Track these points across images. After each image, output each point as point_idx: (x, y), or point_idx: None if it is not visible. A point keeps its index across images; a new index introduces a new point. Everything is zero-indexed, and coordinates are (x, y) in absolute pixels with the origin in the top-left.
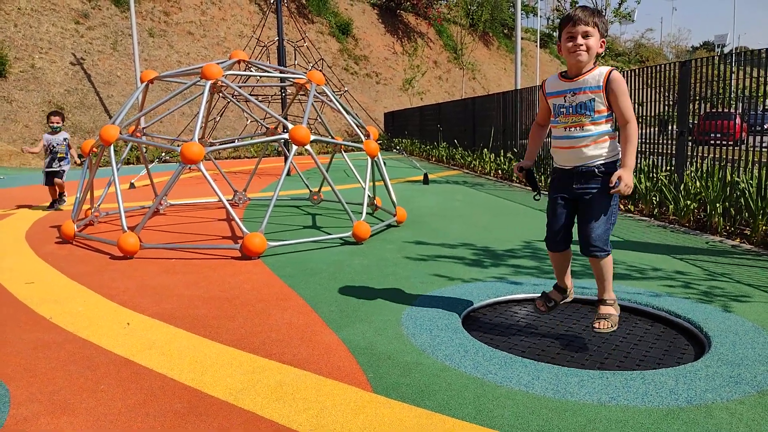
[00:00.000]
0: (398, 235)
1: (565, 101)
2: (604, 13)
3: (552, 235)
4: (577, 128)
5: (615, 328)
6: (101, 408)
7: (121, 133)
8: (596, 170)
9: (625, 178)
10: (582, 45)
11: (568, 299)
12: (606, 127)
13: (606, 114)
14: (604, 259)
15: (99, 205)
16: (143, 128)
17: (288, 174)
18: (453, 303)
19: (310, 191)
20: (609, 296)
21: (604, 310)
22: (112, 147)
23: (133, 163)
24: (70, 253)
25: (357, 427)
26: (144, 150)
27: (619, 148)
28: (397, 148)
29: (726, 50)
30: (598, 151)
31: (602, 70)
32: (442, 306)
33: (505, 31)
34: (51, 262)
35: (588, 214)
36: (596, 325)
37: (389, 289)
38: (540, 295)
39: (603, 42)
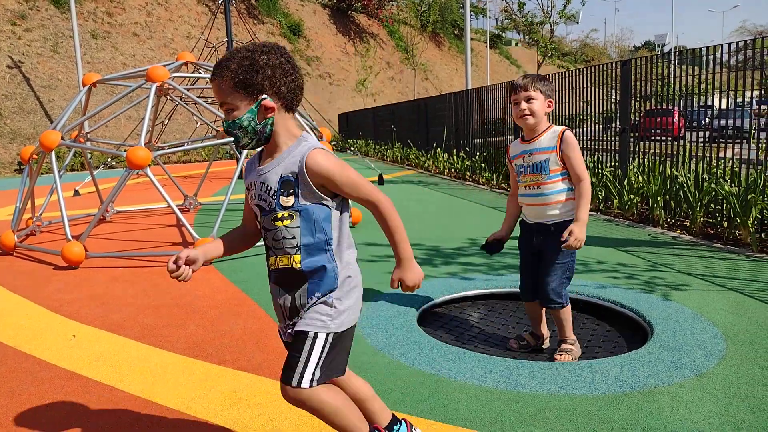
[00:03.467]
0: (353, 237)
1: (524, 162)
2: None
3: (522, 286)
4: (535, 187)
5: (575, 360)
6: (46, 424)
7: (63, 139)
8: (552, 227)
9: (576, 233)
10: (525, 109)
11: (543, 346)
12: (561, 185)
13: (561, 173)
14: (560, 309)
15: (41, 214)
16: (87, 133)
17: (240, 177)
18: (407, 301)
19: None
20: (569, 337)
21: (565, 346)
22: (53, 153)
23: (78, 170)
24: (11, 265)
25: (313, 429)
26: (88, 156)
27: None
28: (352, 149)
29: (666, 49)
30: (554, 210)
31: (556, 131)
32: (398, 305)
33: (455, 32)
34: None
35: (543, 268)
36: (557, 356)
37: None
38: (515, 337)
39: (550, 102)
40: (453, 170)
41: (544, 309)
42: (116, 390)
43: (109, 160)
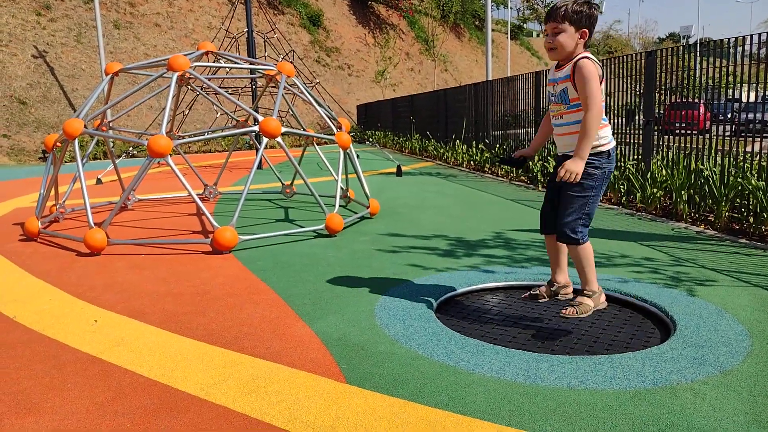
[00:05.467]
0: (371, 227)
1: (552, 90)
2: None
3: (540, 215)
4: (560, 117)
5: (584, 315)
6: (68, 406)
7: (86, 127)
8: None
9: (568, 165)
10: (551, 41)
11: (561, 297)
12: (581, 116)
13: (579, 103)
14: (577, 247)
15: (64, 202)
16: (109, 122)
17: (259, 167)
18: (426, 293)
19: (283, 184)
20: (589, 288)
21: (578, 299)
22: (76, 141)
23: (100, 159)
24: (35, 251)
25: (330, 417)
26: (111, 144)
27: (604, 141)
28: (370, 140)
29: (691, 41)
30: (572, 140)
31: (576, 58)
32: (416, 296)
33: (476, 23)
34: (14, 261)
35: (560, 202)
36: (563, 311)
37: (363, 281)
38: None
39: (584, 32)
40: (472, 162)
41: (564, 253)
42: (136, 375)
43: (130, 148)
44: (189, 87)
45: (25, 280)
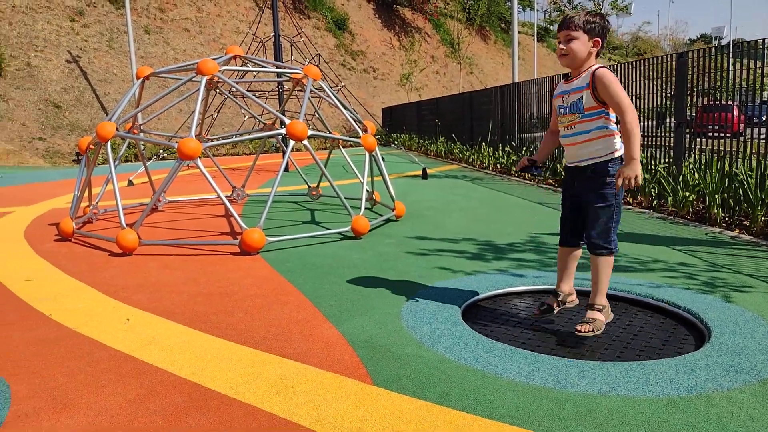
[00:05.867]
0: (397, 230)
1: (563, 102)
2: (600, 9)
3: (561, 230)
4: (571, 127)
5: (598, 332)
6: (102, 403)
7: (117, 130)
8: (589, 170)
9: (625, 171)
10: (564, 49)
11: (569, 305)
12: (598, 123)
13: (595, 112)
14: (603, 258)
15: (97, 203)
16: (140, 125)
17: (286, 170)
18: (453, 296)
19: (309, 187)
20: (599, 302)
21: (590, 314)
22: (109, 144)
23: (131, 161)
24: (69, 251)
25: (357, 419)
26: (142, 147)
27: (617, 146)
28: (395, 143)
29: (723, 42)
30: (589, 149)
31: (591, 69)
32: (442, 299)
33: (502, 25)
34: (50, 260)
35: (587, 213)
36: (578, 327)
37: (389, 283)
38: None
39: (596, 41)
40: (498, 165)
41: (576, 261)
42: (167, 373)
43: (161, 151)
44: (217, 91)
45: (60, 279)
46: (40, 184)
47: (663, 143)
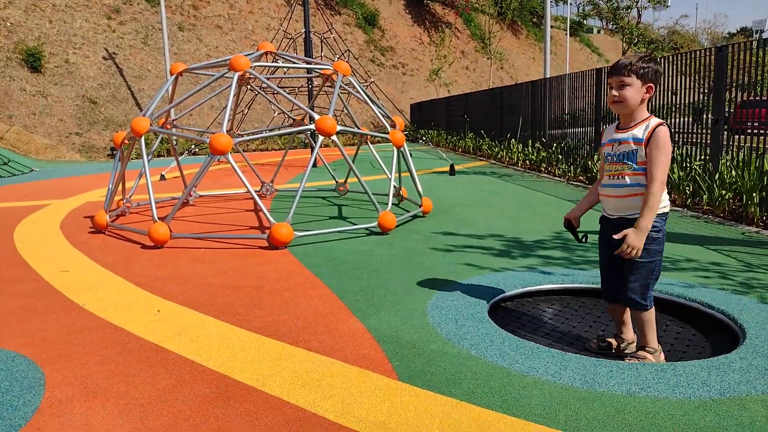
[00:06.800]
0: (424, 226)
1: (612, 150)
2: (653, 57)
3: (603, 286)
4: (618, 177)
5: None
6: (132, 392)
7: (151, 125)
8: (633, 223)
9: (630, 238)
10: (616, 95)
11: (627, 351)
12: (646, 180)
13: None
14: (642, 312)
15: (130, 196)
16: (173, 120)
17: (314, 165)
18: (479, 292)
19: (337, 182)
20: (650, 345)
21: (642, 353)
22: (143, 139)
23: (164, 156)
24: (103, 243)
25: (383, 413)
26: (174, 142)
27: (666, 201)
28: (424, 139)
29: (765, 36)
30: (635, 203)
31: (651, 123)
32: (468, 295)
33: (534, 20)
34: (85, 252)
35: (627, 268)
36: (628, 360)
37: (415, 279)
38: (596, 337)
39: (649, 87)
40: (527, 161)
41: (627, 311)
42: (196, 363)
43: (192, 146)
44: (248, 87)
45: (93, 270)
46: (76, 177)
47: (699, 140)
